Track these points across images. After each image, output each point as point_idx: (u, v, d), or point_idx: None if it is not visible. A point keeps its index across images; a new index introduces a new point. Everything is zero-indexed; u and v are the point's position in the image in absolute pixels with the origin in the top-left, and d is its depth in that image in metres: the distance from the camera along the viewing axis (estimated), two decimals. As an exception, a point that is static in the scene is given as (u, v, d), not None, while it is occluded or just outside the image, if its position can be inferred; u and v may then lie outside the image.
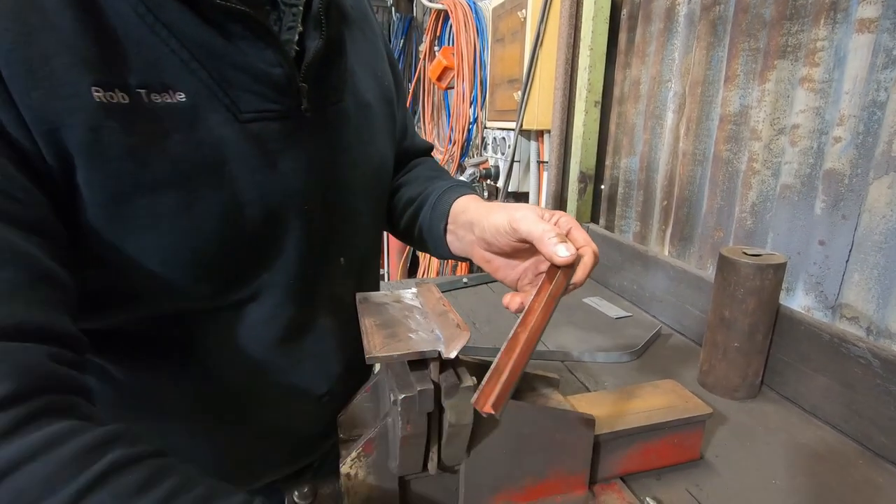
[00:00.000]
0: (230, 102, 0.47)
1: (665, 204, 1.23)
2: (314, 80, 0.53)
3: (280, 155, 0.52)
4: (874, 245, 0.76)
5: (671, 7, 1.17)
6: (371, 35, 0.68)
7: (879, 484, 0.64)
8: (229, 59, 0.46)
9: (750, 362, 0.80)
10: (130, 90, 0.42)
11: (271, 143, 0.51)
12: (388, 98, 0.69)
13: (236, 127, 0.48)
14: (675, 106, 1.17)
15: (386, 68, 0.70)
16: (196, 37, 0.44)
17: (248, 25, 0.46)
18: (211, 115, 0.46)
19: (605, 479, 0.61)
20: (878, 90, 0.75)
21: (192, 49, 0.44)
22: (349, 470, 0.50)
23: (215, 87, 0.46)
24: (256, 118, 0.49)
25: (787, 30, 0.88)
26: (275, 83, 0.49)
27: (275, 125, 0.51)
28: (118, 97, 0.41)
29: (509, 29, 1.80)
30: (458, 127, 2.34)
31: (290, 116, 0.52)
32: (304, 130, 0.54)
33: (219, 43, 0.46)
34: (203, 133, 0.46)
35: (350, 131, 0.60)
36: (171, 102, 0.43)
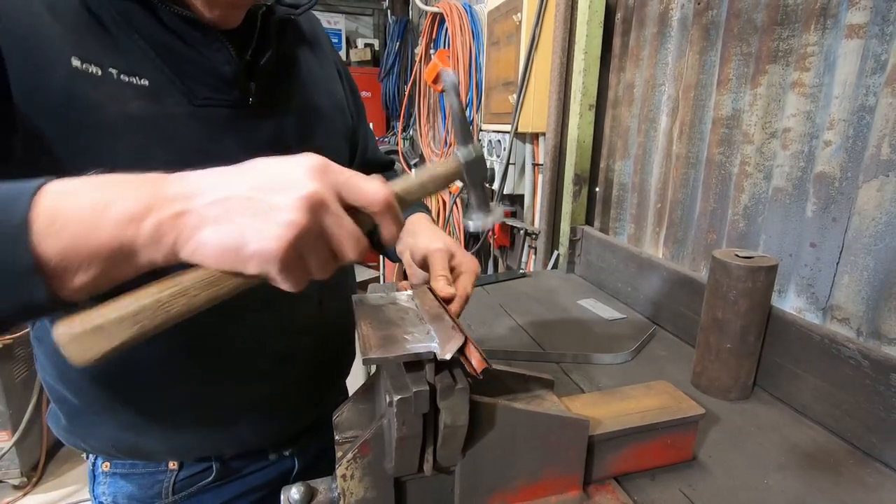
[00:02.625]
0: (186, 90, 0.59)
1: (659, 206, 1.24)
2: (264, 81, 0.65)
3: (226, 134, 0.63)
4: (864, 247, 0.77)
5: (664, 12, 1.18)
6: (323, 59, 0.81)
7: (869, 483, 0.64)
8: (187, 57, 0.59)
9: (742, 363, 0.81)
10: (104, 67, 0.54)
11: (218, 125, 0.62)
12: (340, 108, 0.81)
13: (189, 108, 0.60)
14: (669, 109, 1.18)
15: (339, 88, 0.83)
16: (160, 39, 0.58)
17: (202, 32, 0.59)
18: (168, 98, 0.58)
19: (600, 480, 0.62)
20: (868, 95, 0.76)
21: (156, 49, 0.58)
22: (345, 471, 0.50)
23: (174, 77, 0.59)
24: (207, 104, 0.61)
25: (778, 35, 0.90)
26: (224, 78, 0.62)
27: (224, 111, 0.62)
28: (93, 69, 0.53)
29: (504, 32, 1.81)
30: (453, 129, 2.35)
31: (238, 107, 0.63)
32: (251, 118, 0.65)
33: (178, 45, 0.59)
34: (160, 107, 0.58)
35: (297, 126, 0.70)
36: (136, 83, 0.56)
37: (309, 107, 0.73)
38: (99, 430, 0.67)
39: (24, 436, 2.25)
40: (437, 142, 2.83)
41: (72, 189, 0.38)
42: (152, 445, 0.69)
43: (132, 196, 0.37)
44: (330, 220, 0.40)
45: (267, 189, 0.38)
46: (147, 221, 0.37)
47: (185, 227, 0.37)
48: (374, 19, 4.74)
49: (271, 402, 0.73)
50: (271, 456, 0.78)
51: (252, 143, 0.64)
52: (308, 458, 0.82)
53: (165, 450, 0.70)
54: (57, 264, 0.36)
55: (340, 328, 0.84)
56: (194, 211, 0.38)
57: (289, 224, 0.37)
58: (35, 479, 2.36)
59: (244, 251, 0.37)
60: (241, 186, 0.38)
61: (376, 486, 0.52)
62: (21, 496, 2.30)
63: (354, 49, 4.47)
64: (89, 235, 0.36)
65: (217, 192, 0.38)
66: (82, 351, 0.37)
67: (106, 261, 0.37)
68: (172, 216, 0.37)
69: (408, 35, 3.86)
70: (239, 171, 0.40)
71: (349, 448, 0.51)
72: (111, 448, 0.69)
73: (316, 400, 0.81)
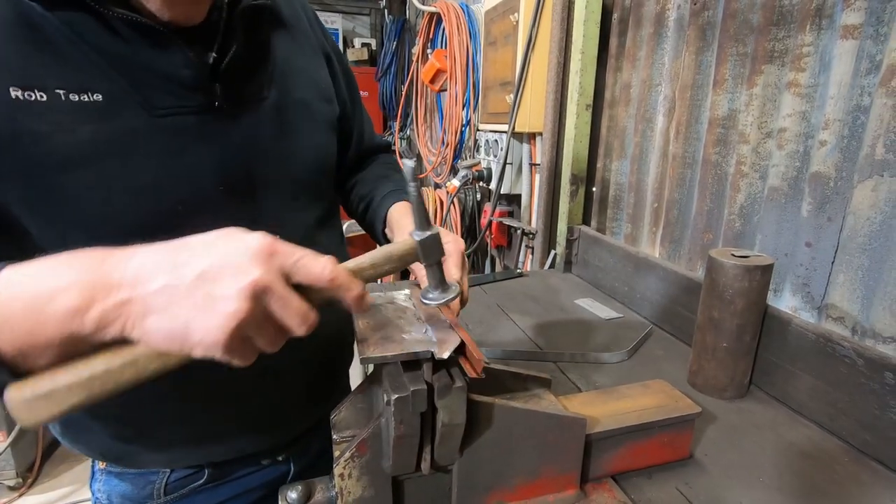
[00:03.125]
0: (143, 100, 0.55)
1: (655, 206, 1.24)
2: (233, 81, 0.61)
3: (192, 144, 0.59)
4: (858, 247, 0.77)
5: (661, 12, 1.18)
6: (305, 44, 0.75)
7: (864, 480, 0.65)
8: (140, 64, 0.55)
9: (738, 362, 0.81)
10: (49, 90, 0.50)
11: (184, 135, 0.58)
12: (326, 97, 0.76)
13: (149, 121, 0.56)
14: (665, 109, 1.18)
15: (324, 75, 0.77)
16: (110, 48, 0.53)
17: (153, 36, 0.54)
18: (125, 111, 0.54)
19: (597, 479, 0.62)
20: (862, 95, 0.77)
21: (108, 58, 0.53)
22: (343, 470, 0.50)
23: (129, 88, 0.54)
24: (170, 113, 0.57)
25: (773, 35, 0.90)
26: (184, 83, 0.57)
27: (190, 119, 0.58)
28: (36, 95, 0.50)
29: (502, 32, 1.81)
30: (450, 129, 2.35)
31: (205, 112, 0.59)
32: (220, 123, 0.61)
33: (130, 52, 0.54)
34: (115, 125, 0.54)
35: (274, 129, 0.66)
36: (86, 101, 0.52)
37: (288, 101, 0.68)
38: (90, 437, 0.67)
39: (20, 436, 2.24)
40: (434, 141, 2.83)
41: (15, 281, 0.39)
42: (142, 456, 0.68)
43: (74, 286, 0.38)
44: (274, 304, 0.40)
45: (210, 277, 0.38)
46: (91, 313, 0.38)
47: (129, 315, 0.38)
48: (371, 19, 4.74)
49: (265, 414, 0.72)
50: (264, 461, 0.77)
51: (223, 151, 0.61)
52: (306, 459, 0.81)
53: (156, 459, 0.69)
54: (14, 356, 0.38)
55: (337, 334, 0.83)
56: (138, 300, 0.38)
57: (231, 315, 0.38)
58: (31, 480, 2.35)
59: (189, 340, 0.39)
60: (184, 274, 0.39)
61: (374, 484, 0.52)
62: (17, 497, 2.29)
63: (351, 48, 4.47)
64: (37, 331, 0.37)
65: (160, 280, 0.38)
66: (31, 415, 0.38)
67: (59, 347, 0.38)
68: (117, 305, 0.38)
69: (405, 35, 3.86)
70: (184, 252, 0.40)
71: (347, 447, 0.51)
72: (101, 455, 0.69)
73: (312, 408, 0.79)
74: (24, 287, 0.39)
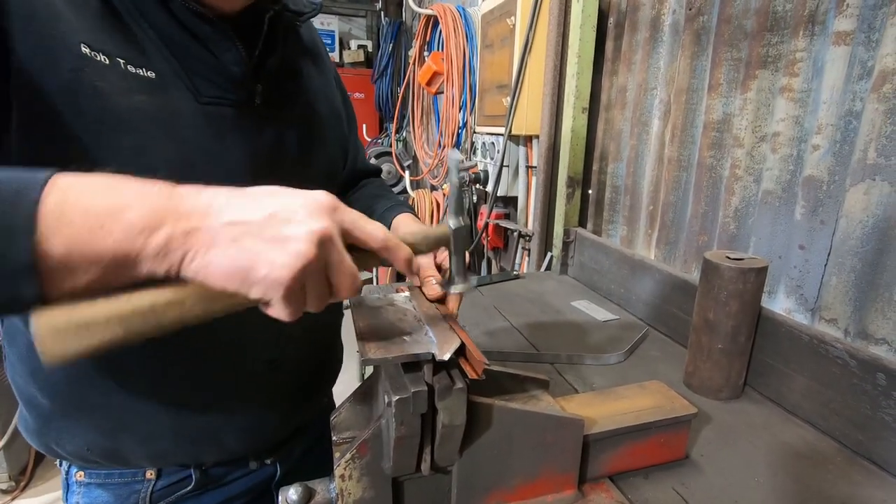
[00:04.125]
0: (192, 86, 0.59)
1: (651, 209, 1.25)
2: (270, 83, 0.65)
3: (229, 132, 0.62)
4: (851, 250, 0.79)
5: (656, 17, 1.20)
6: (324, 69, 0.81)
7: (857, 480, 0.66)
8: (196, 53, 0.59)
9: (733, 363, 0.82)
10: (112, 57, 0.53)
11: (223, 123, 0.61)
12: (336, 116, 0.81)
13: (194, 105, 0.59)
14: (661, 113, 1.20)
15: (336, 97, 0.83)
16: (171, 34, 0.57)
17: (215, 30, 0.58)
18: (174, 92, 0.57)
19: (595, 479, 0.63)
20: (854, 100, 0.78)
21: (167, 42, 0.57)
22: (343, 471, 0.51)
23: (182, 72, 0.58)
24: (213, 102, 0.60)
25: (767, 41, 0.91)
26: (232, 77, 0.61)
27: (229, 111, 0.62)
28: (101, 57, 0.52)
29: (498, 35, 1.82)
30: (447, 131, 2.36)
31: (244, 106, 0.63)
32: (254, 120, 0.64)
33: (189, 40, 0.58)
34: (165, 100, 0.57)
35: (298, 130, 0.71)
36: (143, 75, 0.55)
37: (310, 114, 0.73)
38: (73, 433, 0.65)
39: (12, 440, 2.22)
40: (431, 144, 2.84)
41: (83, 186, 0.37)
42: (130, 449, 0.66)
43: (146, 204, 0.37)
44: (334, 257, 0.41)
45: (280, 219, 0.39)
46: (158, 233, 0.36)
47: (196, 244, 0.37)
48: (367, 21, 4.75)
49: (255, 409, 0.72)
50: (252, 464, 0.76)
51: (254, 145, 0.64)
52: (290, 463, 0.81)
53: (143, 455, 0.67)
54: (56, 264, 0.35)
55: (327, 337, 0.84)
56: (208, 229, 0.38)
57: (299, 254, 0.38)
58: (23, 484, 2.33)
59: (253, 275, 0.38)
60: (255, 212, 0.39)
61: (374, 486, 0.52)
62: (9, 500, 2.27)
63: (348, 50, 4.47)
64: (96, 239, 0.35)
65: (232, 214, 0.38)
66: (61, 346, 0.34)
67: (107, 266, 0.36)
68: (184, 232, 0.37)
69: (401, 37, 3.86)
70: (253, 195, 0.41)
71: (347, 448, 0.51)
72: (86, 452, 0.66)
73: (300, 408, 0.79)
74: (92, 192, 0.37)
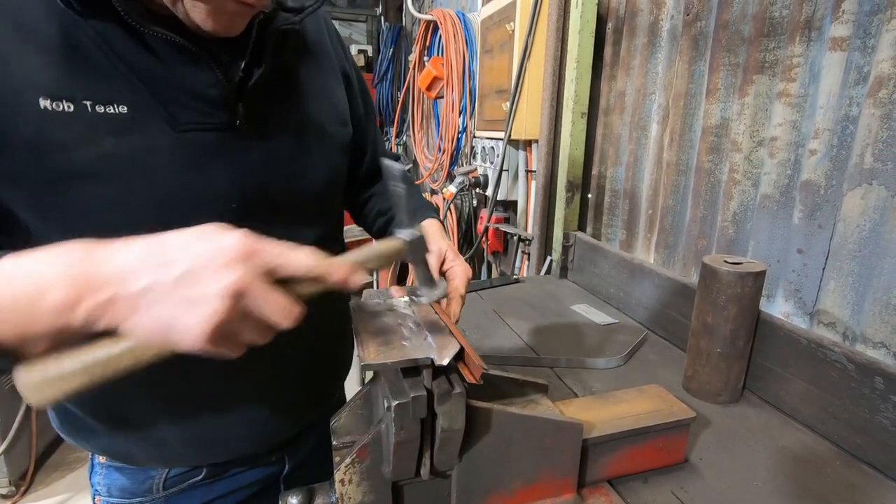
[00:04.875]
0: (168, 116, 0.56)
1: (650, 213, 1.26)
2: (255, 101, 0.62)
3: (212, 161, 0.59)
4: (848, 253, 0.79)
5: (654, 22, 1.20)
6: (327, 66, 0.76)
7: (855, 483, 0.66)
8: (169, 80, 0.56)
9: (732, 367, 0.82)
10: (76, 101, 0.51)
11: (204, 151, 0.59)
12: (342, 120, 0.77)
13: (172, 136, 0.56)
14: (659, 118, 1.20)
15: (341, 97, 0.78)
16: (141, 63, 0.54)
17: (186, 54, 0.56)
18: (149, 125, 0.55)
19: (594, 483, 0.63)
20: (851, 105, 0.78)
21: (137, 73, 0.54)
22: (343, 476, 0.51)
23: (155, 103, 0.55)
24: (193, 129, 0.58)
25: (764, 46, 0.92)
26: (210, 101, 0.58)
27: (211, 136, 0.59)
28: (64, 106, 0.51)
29: (498, 40, 1.83)
30: (447, 136, 2.37)
31: (226, 129, 0.60)
32: (240, 141, 0.61)
33: (160, 68, 0.55)
34: (138, 139, 0.54)
35: (291, 145, 0.67)
36: (112, 113, 0.53)
37: (306, 123, 0.70)
38: (92, 434, 0.68)
39: (13, 444, 2.22)
40: (431, 148, 2.84)
41: (8, 273, 0.40)
42: (142, 454, 0.69)
43: (65, 280, 0.39)
44: (254, 303, 0.41)
45: (191, 279, 0.40)
46: (79, 309, 0.39)
47: (117, 311, 0.40)
48: (367, 25, 4.77)
49: (265, 413, 0.73)
50: (260, 461, 0.78)
51: (241, 170, 0.62)
52: (299, 458, 0.83)
53: (155, 458, 0.71)
54: (11, 343, 0.40)
55: (337, 336, 0.84)
56: (124, 298, 0.40)
57: (209, 316, 0.39)
58: (24, 488, 2.33)
59: (171, 337, 0.40)
60: (167, 273, 0.40)
61: (374, 490, 0.52)
62: (10, 505, 2.27)
63: (348, 55, 4.49)
64: (31, 323, 0.40)
65: (145, 279, 0.40)
66: (39, 395, 0.41)
67: (52, 338, 0.40)
68: (103, 302, 0.40)
69: (401, 42, 3.88)
70: (166, 249, 0.41)
71: (347, 453, 0.51)
72: (102, 452, 0.71)
73: (310, 406, 0.81)
74: (16, 280, 0.40)
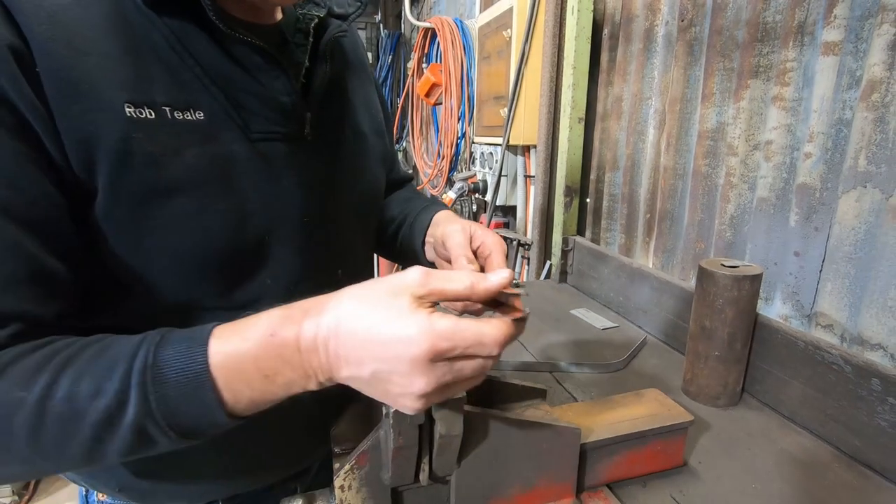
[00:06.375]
0: (242, 123, 0.54)
1: (648, 217, 1.26)
2: (317, 109, 0.61)
3: (284, 172, 0.58)
4: (845, 256, 0.79)
5: (650, 28, 1.21)
6: (366, 79, 0.76)
7: (855, 486, 0.66)
8: (245, 85, 0.54)
9: (730, 370, 0.83)
10: (157, 107, 0.48)
11: (276, 161, 0.57)
12: (379, 132, 0.77)
13: (246, 144, 0.54)
14: (656, 122, 1.21)
15: (378, 108, 0.79)
16: (217, 66, 0.52)
17: (264, 58, 0.54)
18: (224, 133, 0.53)
19: (592, 487, 0.63)
20: (844, 109, 0.79)
21: (213, 76, 0.52)
22: (343, 482, 0.51)
23: (230, 108, 0.53)
24: (264, 138, 0.56)
25: (758, 51, 0.93)
26: (283, 109, 0.57)
27: (280, 146, 0.58)
28: (146, 113, 0.47)
29: (495, 47, 1.84)
30: (446, 142, 2.38)
31: (295, 139, 0.59)
32: (307, 152, 0.60)
33: (237, 72, 0.53)
34: (216, 148, 0.52)
35: (347, 156, 0.66)
36: (190, 119, 0.50)
37: (357, 134, 0.69)
38: (108, 474, 0.63)
39: (16, 454, 2.22)
40: (430, 154, 2.85)
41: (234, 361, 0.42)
42: (166, 491, 0.65)
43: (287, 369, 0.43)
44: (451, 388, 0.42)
45: (383, 379, 0.40)
46: (310, 385, 0.44)
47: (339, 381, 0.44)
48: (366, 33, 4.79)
49: (295, 440, 0.70)
50: (277, 490, 0.74)
51: (308, 182, 0.60)
52: (308, 480, 0.80)
53: (180, 494, 0.66)
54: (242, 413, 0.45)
55: None
56: (341, 379, 0.43)
57: (411, 408, 0.42)
58: (27, 498, 2.33)
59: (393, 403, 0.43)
60: (361, 372, 0.41)
61: (373, 496, 0.53)
62: (12, 515, 2.27)
63: (347, 62, 4.51)
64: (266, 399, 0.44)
65: (346, 372, 0.42)
66: None
67: None
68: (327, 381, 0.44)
69: (400, 49, 3.91)
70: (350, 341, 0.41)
71: (347, 459, 0.52)
72: (116, 491, 0.65)
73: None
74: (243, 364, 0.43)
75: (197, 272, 0.53)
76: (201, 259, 0.53)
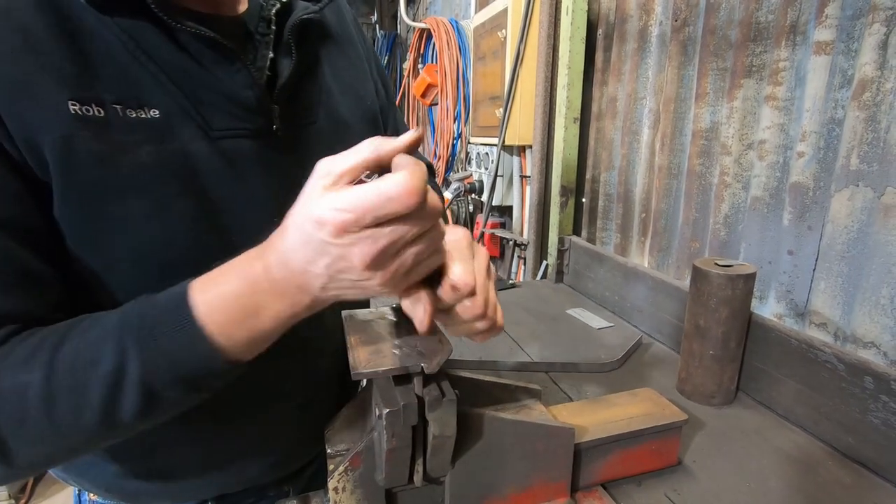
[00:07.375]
0: (202, 120, 0.52)
1: (643, 216, 1.27)
2: (286, 102, 0.58)
3: (249, 170, 0.56)
4: (838, 254, 0.80)
5: (644, 28, 1.22)
6: (355, 57, 0.71)
7: (847, 483, 0.66)
8: (203, 81, 0.51)
9: (724, 369, 0.83)
10: (106, 105, 0.47)
11: (241, 159, 0.55)
12: (370, 117, 0.72)
13: (206, 142, 0.52)
14: (651, 122, 1.21)
15: (371, 89, 0.74)
16: (173, 61, 0.50)
17: (220, 52, 0.51)
18: (183, 131, 0.51)
19: (587, 487, 0.63)
20: (836, 108, 0.79)
21: (168, 72, 0.50)
22: (337, 484, 0.51)
23: (188, 105, 0.51)
24: (227, 135, 0.53)
25: (751, 51, 0.93)
26: (246, 104, 0.54)
27: (246, 143, 0.55)
28: (94, 111, 0.46)
29: (490, 48, 1.84)
30: (442, 142, 2.38)
31: (262, 135, 0.56)
32: (276, 148, 0.57)
33: (193, 67, 0.51)
34: (174, 146, 0.50)
35: (324, 150, 0.61)
36: (144, 117, 0.49)
37: (335, 122, 0.65)
38: (94, 472, 0.63)
39: (12, 457, 2.22)
40: (427, 154, 2.86)
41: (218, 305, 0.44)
42: (150, 492, 0.64)
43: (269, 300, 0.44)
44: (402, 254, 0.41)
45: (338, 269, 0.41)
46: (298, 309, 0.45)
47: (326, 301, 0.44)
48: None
49: (283, 446, 0.69)
50: (270, 493, 0.74)
51: (278, 179, 0.57)
52: (303, 483, 0.79)
53: (165, 494, 0.65)
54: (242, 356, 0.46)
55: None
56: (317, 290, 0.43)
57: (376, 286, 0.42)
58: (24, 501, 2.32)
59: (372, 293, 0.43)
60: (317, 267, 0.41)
61: (368, 498, 0.53)
62: (9, 519, 2.26)
63: (343, 63, 4.50)
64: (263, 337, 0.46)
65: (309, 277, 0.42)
66: None
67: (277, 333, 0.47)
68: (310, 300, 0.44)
69: (396, 49, 3.90)
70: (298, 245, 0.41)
71: (341, 461, 0.52)
72: (103, 491, 0.65)
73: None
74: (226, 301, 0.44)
75: (161, 272, 0.51)
76: (166, 259, 0.52)
